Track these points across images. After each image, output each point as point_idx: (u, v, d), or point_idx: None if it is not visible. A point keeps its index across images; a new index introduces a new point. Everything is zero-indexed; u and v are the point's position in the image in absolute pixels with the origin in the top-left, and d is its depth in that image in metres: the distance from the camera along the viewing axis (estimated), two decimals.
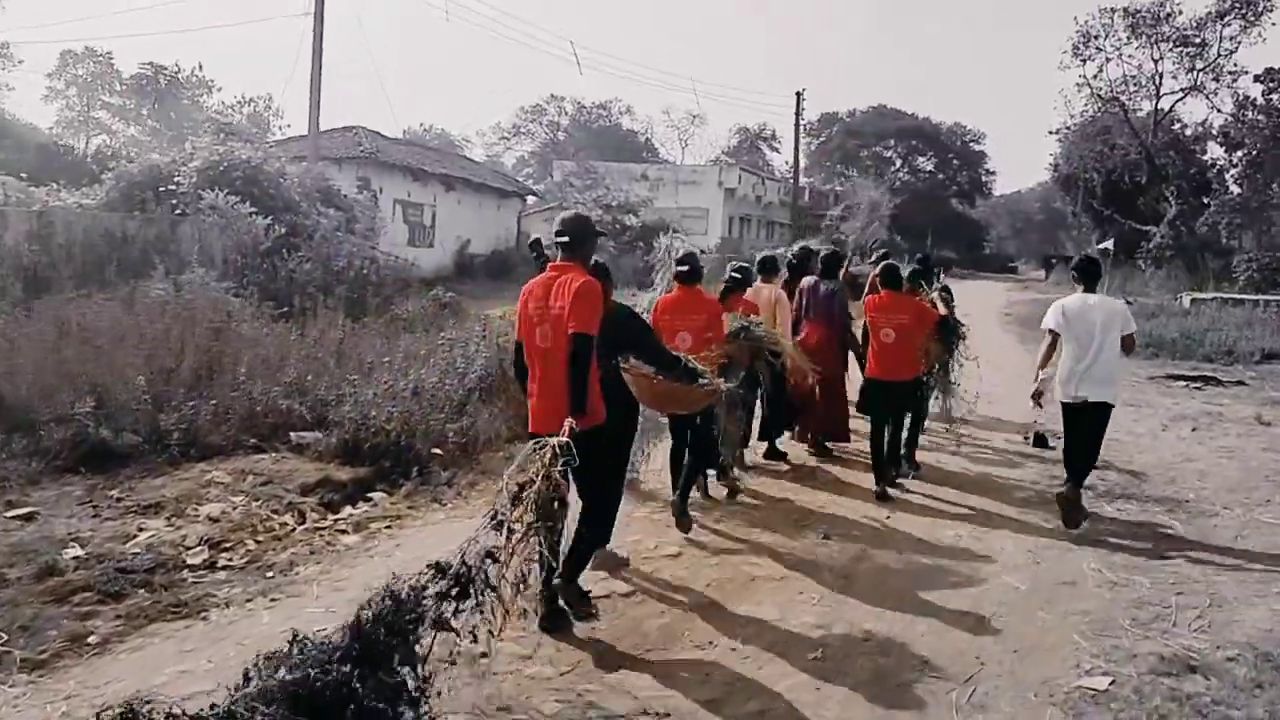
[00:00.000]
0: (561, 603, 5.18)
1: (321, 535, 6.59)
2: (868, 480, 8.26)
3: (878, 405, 8.32)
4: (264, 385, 9.00)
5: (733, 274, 8.34)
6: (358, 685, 3.31)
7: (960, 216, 70.03)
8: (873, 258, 10.95)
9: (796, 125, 42.15)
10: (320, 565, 6.01)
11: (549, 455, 4.20)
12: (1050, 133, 46.77)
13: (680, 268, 7.22)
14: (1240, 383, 15.69)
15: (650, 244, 29.06)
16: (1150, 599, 5.71)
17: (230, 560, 6.01)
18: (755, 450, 9.19)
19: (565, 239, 5.10)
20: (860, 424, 9.26)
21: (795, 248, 11.02)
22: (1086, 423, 7.46)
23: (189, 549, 6.06)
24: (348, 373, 9.36)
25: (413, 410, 8.58)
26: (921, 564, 6.33)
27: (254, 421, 8.63)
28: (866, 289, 9.35)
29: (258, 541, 6.34)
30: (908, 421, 8.87)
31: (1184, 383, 15.39)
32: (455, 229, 32.19)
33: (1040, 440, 10.28)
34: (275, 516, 6.87)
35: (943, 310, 9.01)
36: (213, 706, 3.20)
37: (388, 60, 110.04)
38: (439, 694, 3.62)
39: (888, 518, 7.41)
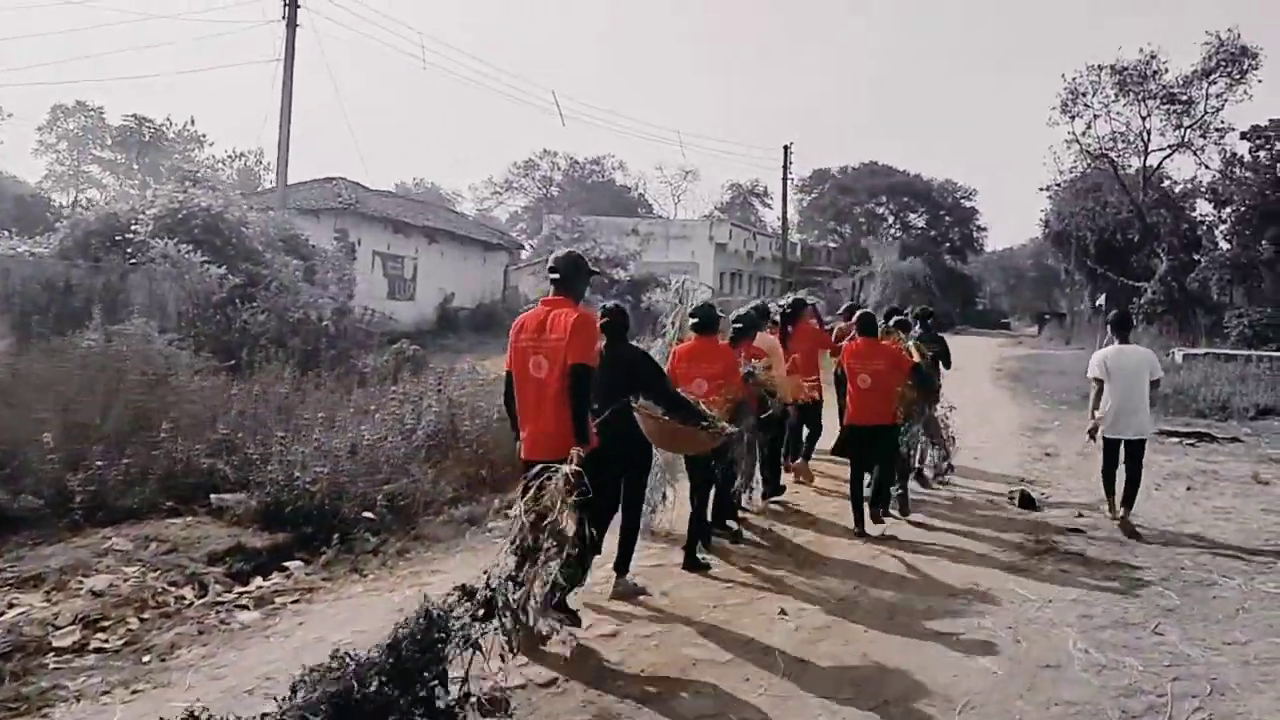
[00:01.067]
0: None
1: (218, 611, 5.91)
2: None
3: (857, 450, 8.55)
4: (187, 443, 8.35)
5: (735, 324, 8.52)
6: (396, 697, 3.60)
7: (953, 273, 69.76)
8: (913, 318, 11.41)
9: (784, 179, 42.03)
10: (206, 648, 5.32)
11: (563, 484, 4.58)
12: (1041, 189, 46.82)
13: (694, 320, 7.55)
14: (1235, 439, 15.06)
15: (639, 298, 28.10)
16: (1143, 685, 5.03)
17: (105, 642, 5.34)
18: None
19: (557, 275, 5.48)
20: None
21: (789, 298, 11.32)
22: (1125, 456, 8.75)
23: (59, 629, 5.38)
24: (280, 430, 8.71)
25: (344, 470, 7.93)
26: (888, 645, 5.64)
27: (173, 482, 7.97)
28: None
29: (142, 619, 5.67)
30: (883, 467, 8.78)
31: (1177, 439, 14.75)
32: (438, 281, 31.68)
33: (1026, 501, 9.64)
34: (171, 589, 6.19)
35: (916, 357, 9.17)
36: (264, 716, 3.46)
37: (374, 114, 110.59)
38: (473, 708, 3.90)
39: (855, 588, 6.74)
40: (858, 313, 9.15)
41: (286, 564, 6.83)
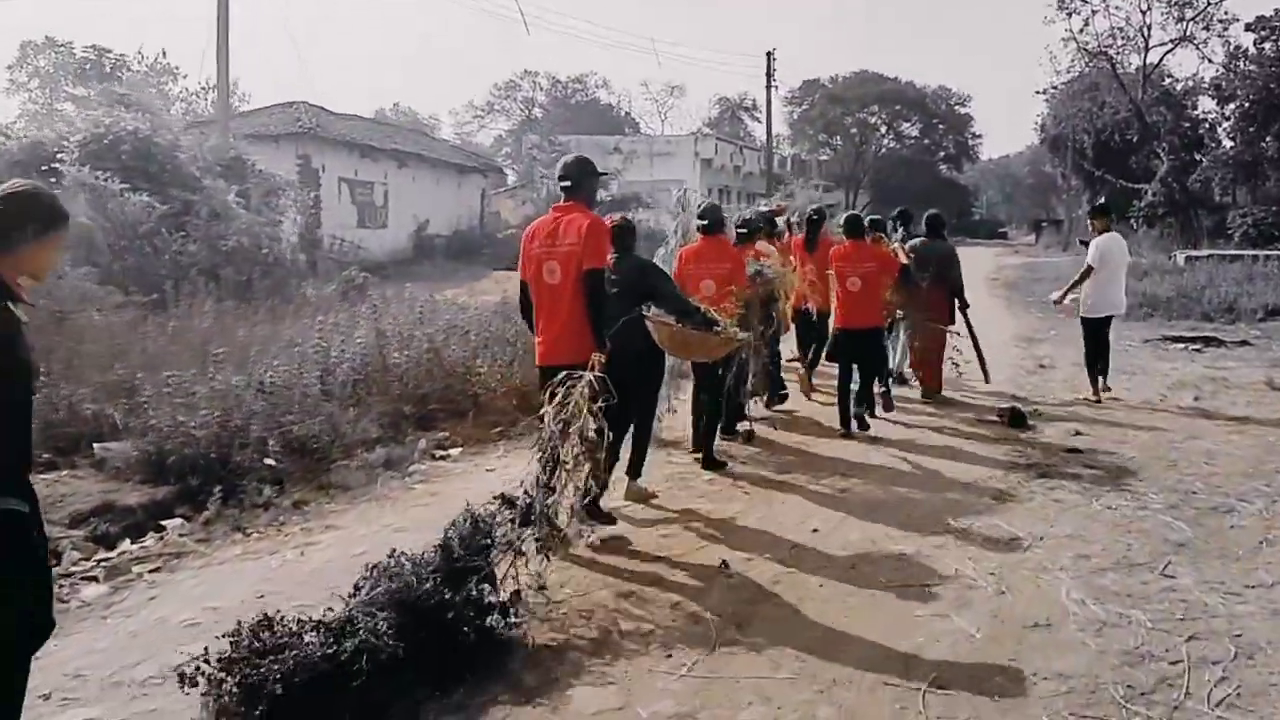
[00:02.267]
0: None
1: (61, 586, 5.01)
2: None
3: (845, 353, 8.53)
4: (71, 386, 7.41)
5: (739, 228, 8.53)
6: (449, 595, 3.80)
7: (948, 182, 68.25)
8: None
9: (768, 88, 40.37)
10: None
11: (587, 391, 4.65)
12: (1037, 92, 45.18)
13: (701, 220, 7.52)
14: (1245, 343, 14.14)
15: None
16: (1151, 648, 4.13)
17: None
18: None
19: (568, 182, 5.50)
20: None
21: (812, 209, 10.86)
22: (1106, 332, 9.90)
23: None
24: (185, 368, 7.73)
25: (246, 412, 6.99)
26: (847, 602, 4.75)
27: (52, 431, 7.04)
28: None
29: None
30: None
31: (1182, 345, 13.84)
32: (412, 208, 30.50)
33: (1017, 419, 8.73)
34: None
35: (904, 259, 9.39)
36: (329, 610, 3.70)
37: (343, 39, 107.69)
38: (522, 606, 4.19)
39: (815, 531, 5.83)
40: (846, 215, 9.24)
41: (165, 523, 5.93)
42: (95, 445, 6.86)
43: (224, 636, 3.56)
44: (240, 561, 5.30)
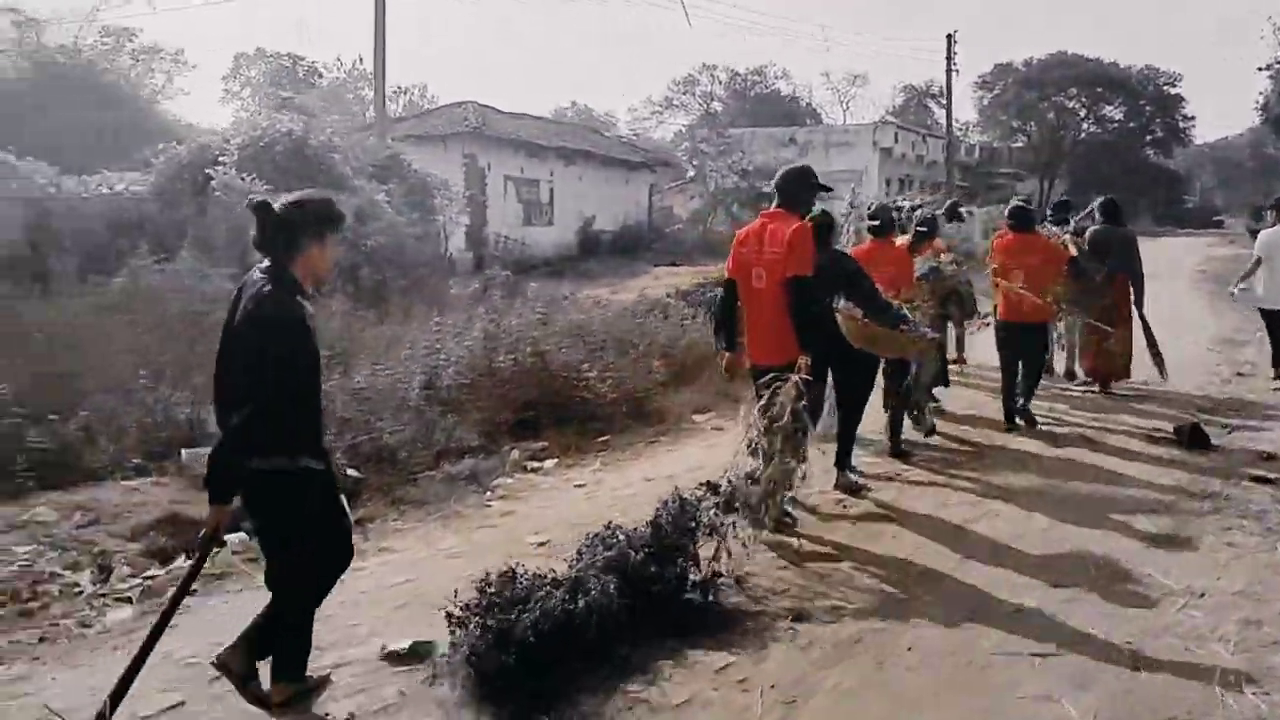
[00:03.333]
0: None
1: (93, 607, 4.79)
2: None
3: (1009, 346, 8.31)
4: (170, 390, 7.34)
5: (918, 227, 8.57)
6: (659, 571, 4.26)
7: (1156, 168, 63.51)
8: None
9: (948, 72, 38.26)
10: (22, 666, 4.17)
11: (793, 392, 4.96)
12: (1260, 69, 41.17)
13: (872, 221, 7.59)
14: None
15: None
16: None
17: None
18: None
19: (780, 191, 5.67)
20: None
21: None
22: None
23: None
24: None
25: (331, 418, 6.72)
26: (939, 671, 3.95)
27: (147, 436, 6.98)
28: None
29: None
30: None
31: None
32: (578, 205, 30.44)
33: (1198, 437, 7.51)
34: (66, 574, 5.13)
35: (1073, 252, 9.05)
36: (555, 573, 4.09)
37: (520, 40, 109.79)
38: (720, 583, 4.52)
39: (923, 573, 5.01)
40: (1014, 207, 8.70)
41: (226, 538, 5.67)
42: (183, 451, 6.73)
43: (474, 583, 4.02)
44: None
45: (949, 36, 36.96)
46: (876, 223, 7.54)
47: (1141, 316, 9.49)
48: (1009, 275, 8.16)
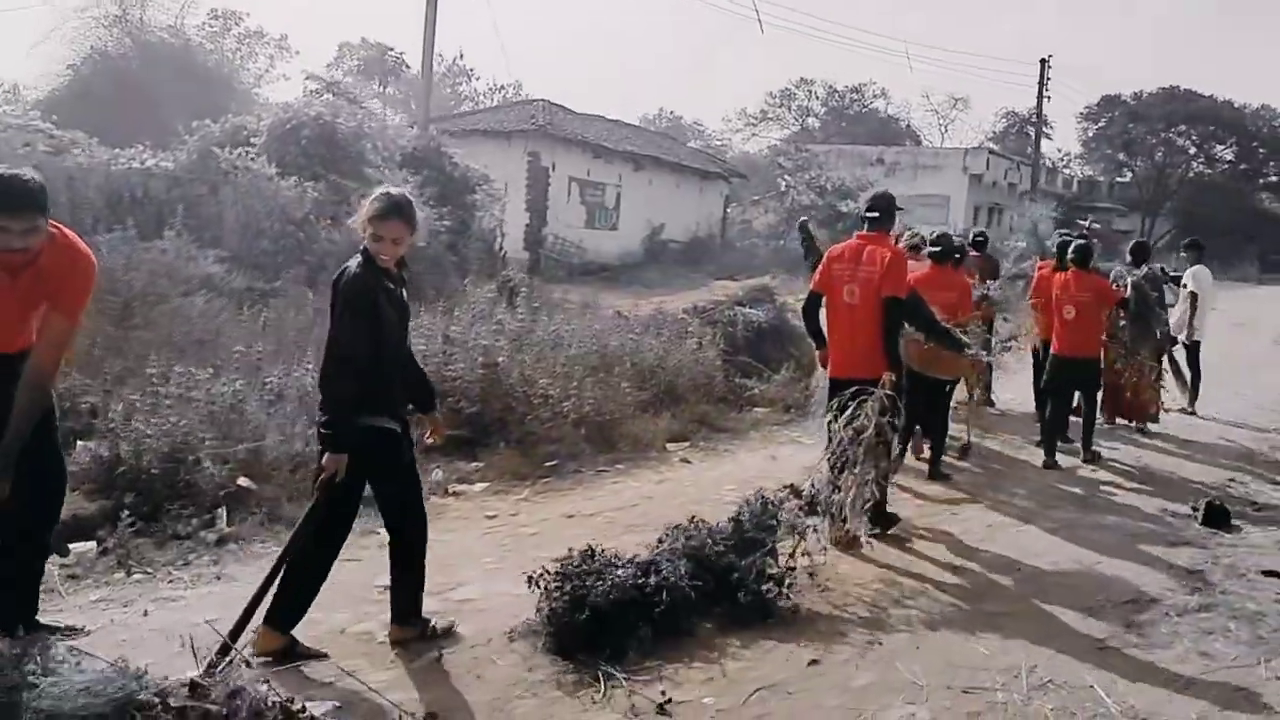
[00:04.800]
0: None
1: None
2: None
3: (1060, 381, 8.47)
4: (81, 377, 6.89)
5: (931, 245, 8.25)
6: (736, 561, 4.62)
7: (1265, 213, 60.43)
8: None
9: (1039, 98, 36.70)
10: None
11: (879, 407, 5.40)
12: None
13: (934, 248, 7.81)
14: None
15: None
16: None
17: None
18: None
19: (875, 214, 6.01)
20: None
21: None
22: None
23: None
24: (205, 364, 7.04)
25: (238, 421, 6.23)
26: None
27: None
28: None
29: None
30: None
31: None
32: (646, 212, 29.81)
33: (1216, 516, 6.58)
34: None
35: (1124, 293, 9.17)
36: (637, 556, 4.48)
37: (623, 43, 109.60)
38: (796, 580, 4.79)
39: (816, 669, 4.27)
40: (1076, 244, 8.82)
41: (73, 546, 5.17)
42: (77, 443, 6.27)
43: (557, 560, 4.36)
44: (80, 614, 4.37)
45: (1043, 62, 35.47)
46: (938, 249, 7.78)
47: (1172, 358, 10.01)
48: (1062, 310, 8.36)
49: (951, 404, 7.88)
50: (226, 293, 10.04)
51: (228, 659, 3.44)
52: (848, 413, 5.39)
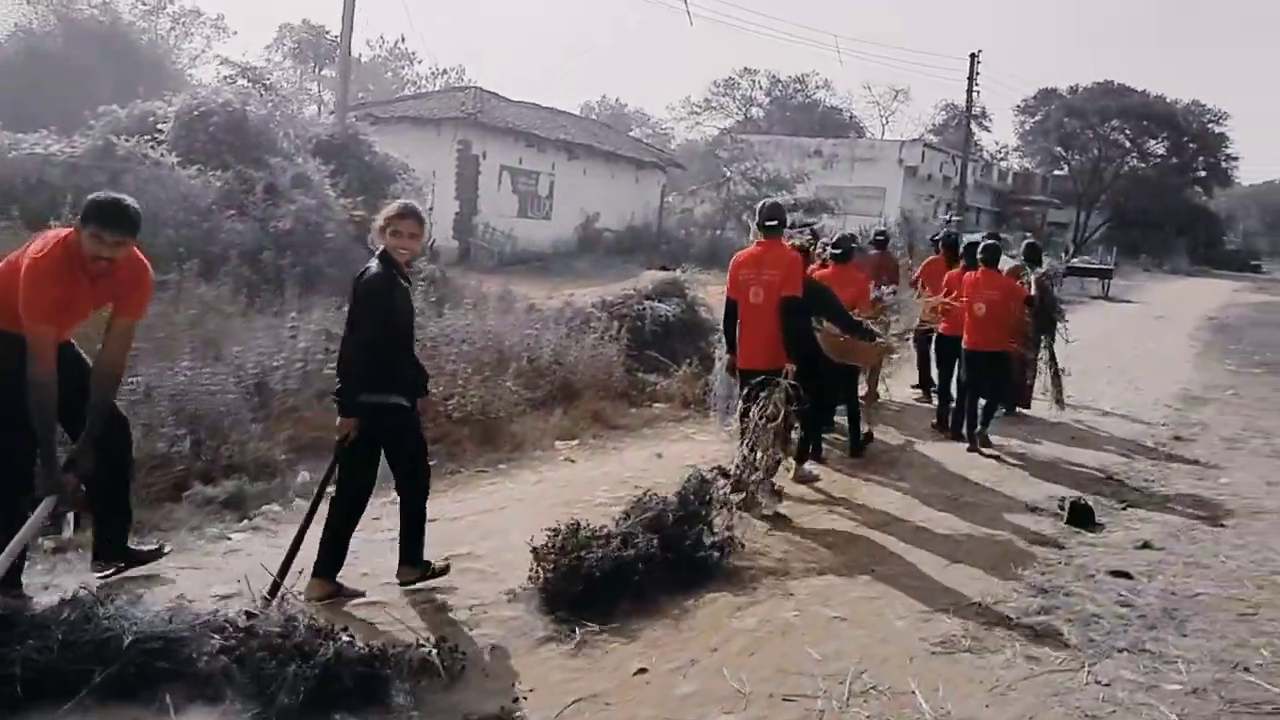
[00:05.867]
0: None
1: None
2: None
3: (973, 374, 8.94)
4: None
5: (833, 248, 8.85)
6: (686, 530, 5.28)
7: (1197, 207, 61.83)
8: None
9: (969, 93, 36.99)
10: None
11: (785, 395, 6.35)
12: None
13: (836, 250, 8.60)
14: None
15: (814, 221, 24.86)
16: None
17: None
18: None
19: (774, 223, 6.86)
20: None
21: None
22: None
23: None
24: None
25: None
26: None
27: None
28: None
29: None
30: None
31: None
32: (580, 201, 29.74)
33: (1080, 516, 6.71)
34: None
35: (1030, 291, 9.67)
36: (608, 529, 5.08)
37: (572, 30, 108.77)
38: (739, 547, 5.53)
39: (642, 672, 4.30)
40: (985, 244, 9.37)
41: None
42: None
43: (545, 530, 4.95)
44: None
45: (972, 56, 35.82)
46: (839, 251, 8.55)
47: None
48: (973, 307, 8.79)
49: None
50: None
51: (279, 595, 4.25)
52: (759, 401, 6.32)
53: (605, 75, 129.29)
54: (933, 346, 10.21)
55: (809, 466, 7.56)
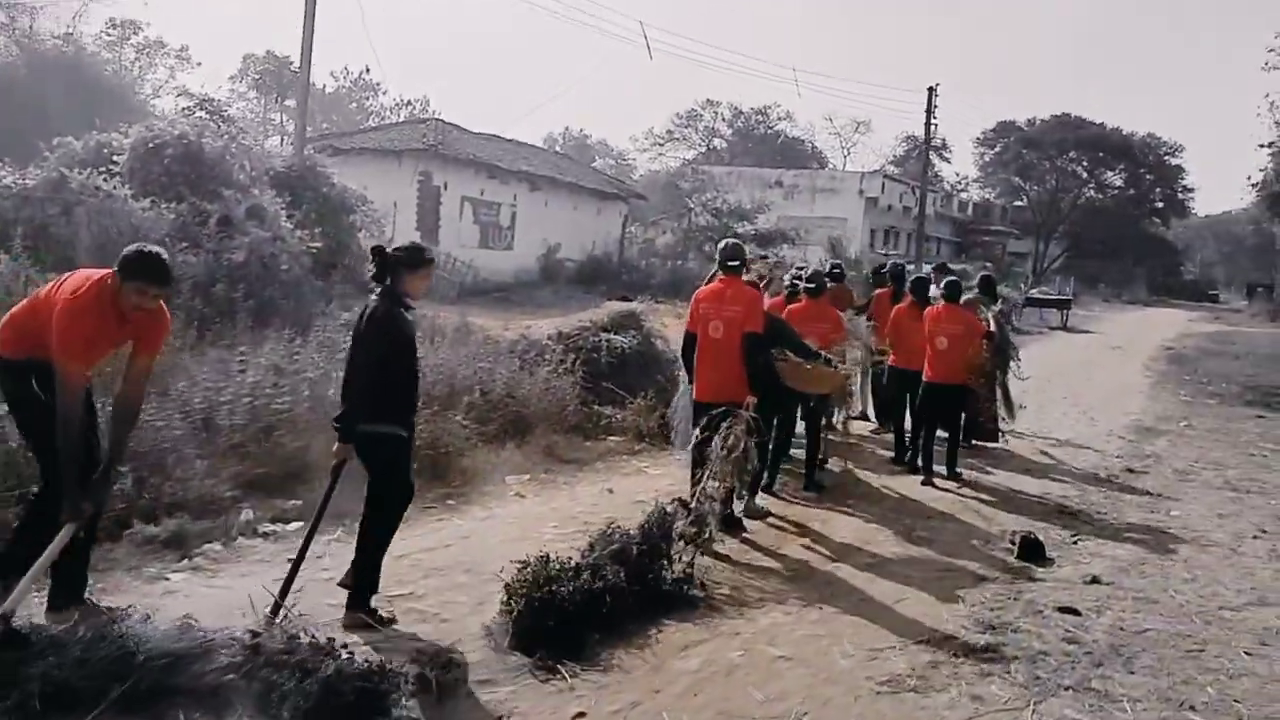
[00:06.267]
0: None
1: None
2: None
3: (930, 406, 9.09)
4: None
5: (807, 282, 8.82)
6: (649, 562, 5.41)
7: (1154, 238, 62.85)
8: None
9: (927, 125, 37.42)
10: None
11: (746, 427, 6.42)
12: (1261, 146, 40.34)
13: (809, 284, 8.61)
14: None
15: (767, 253, 24.86)
16: None
17: None
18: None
19: (736, 262, 7.07)
20: None
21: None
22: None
23: None
24: None
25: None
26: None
27: None
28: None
29: None
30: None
31: None
32: (542, 232, 29.72)
33: (1029, 550, 6.71)
34: None
35: (992, 327, 9.86)
36: (574, 561, 5.14)
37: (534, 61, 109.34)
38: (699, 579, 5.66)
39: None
40: (946, 280, 9.63)
41: None
42: None
43: (515, 563, 5.05)
44: None
45: (930, 89, 36.26)
46: (812, 285, 8.59)
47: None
48: (935, 341, 8.98)
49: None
50: None
51: (281, 615, 4.41)
52: (720, 433, 6.36)
53: (568, 107, 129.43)
54: (884, 378, 10.32)
55: (760, 501, 7.54)
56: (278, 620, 4.35)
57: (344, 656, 3.97)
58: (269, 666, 3.88)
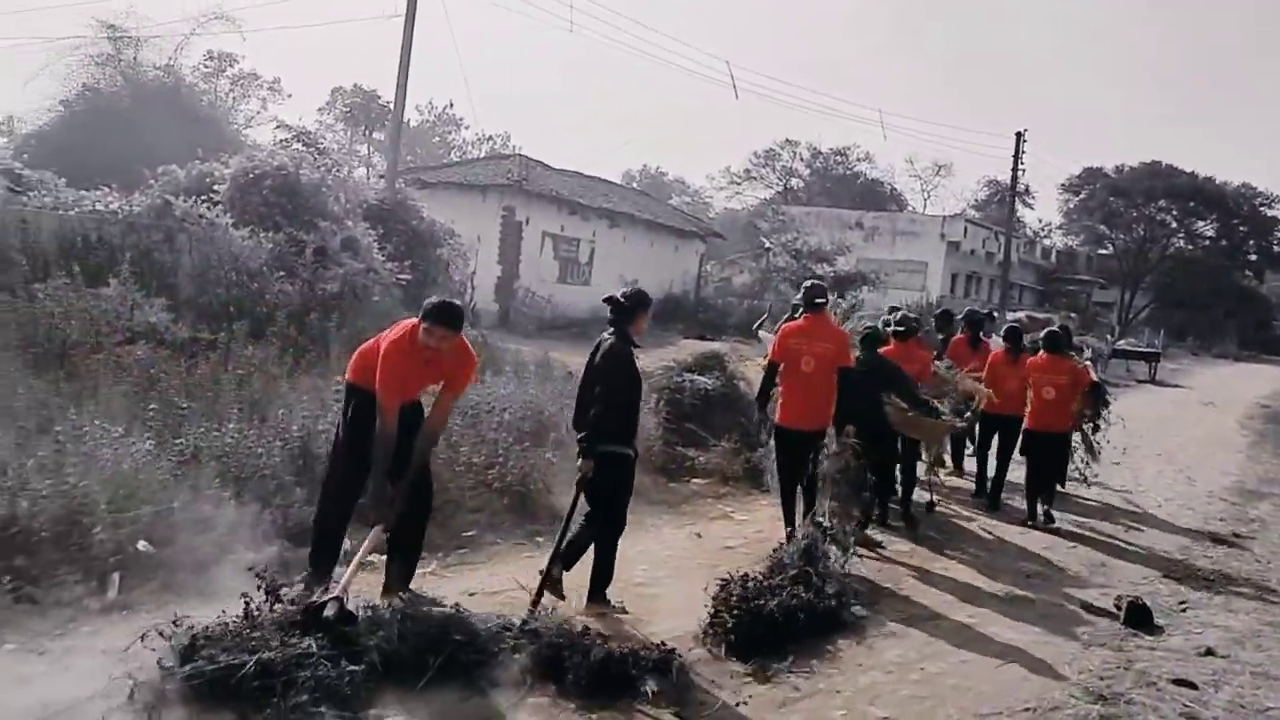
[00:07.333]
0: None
1: None
2: None
3: (1035, 453, 9.34)
4: None
5: (897, 328, 9.11)
6: (801, 586, 5.83)
7: (1246, 290, 60.90)
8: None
9: (1014, 171, 36.89)
10: None
11: (852, 452, 6.89)
12: None
13: (899, 328, 8.95)
14: None
15: (843, 294, 24.66)
16: None
17: None
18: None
19: (822, 300, 7.52)
20: None
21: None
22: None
23: None
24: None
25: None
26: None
27: None
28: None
29: None
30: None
31: None
32: (619, 268, 29.79)
33: (1138, 616, 6.45)
34: None
35: (1094, 376, 10.13)
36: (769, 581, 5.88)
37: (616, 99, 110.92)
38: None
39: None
40: (1046, 331, 9.85)
41: None
42: None
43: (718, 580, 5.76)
44: None
45: (1019, 135, 35.80)
46: (903, 329, 8.96)
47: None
48: (1041, 390, 9.15)
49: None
50: (170, 343, 9.89)
51: (539, 605, 5.35)
52: (828, 456, 6.95)
53: (649, 145, 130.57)
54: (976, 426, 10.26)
55: (871, 532, 7.84)
56: (535, 611, 5.21)
57: (597, 642, 4.80)
58: (549, 647, 4.73)
